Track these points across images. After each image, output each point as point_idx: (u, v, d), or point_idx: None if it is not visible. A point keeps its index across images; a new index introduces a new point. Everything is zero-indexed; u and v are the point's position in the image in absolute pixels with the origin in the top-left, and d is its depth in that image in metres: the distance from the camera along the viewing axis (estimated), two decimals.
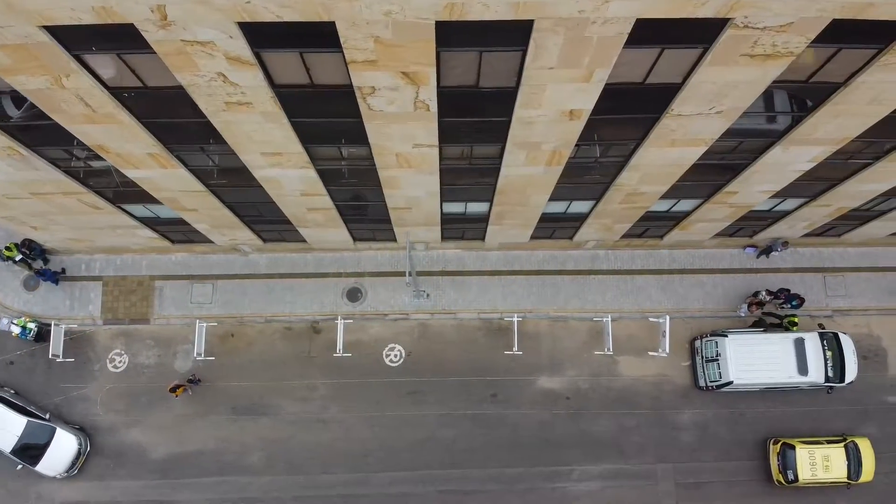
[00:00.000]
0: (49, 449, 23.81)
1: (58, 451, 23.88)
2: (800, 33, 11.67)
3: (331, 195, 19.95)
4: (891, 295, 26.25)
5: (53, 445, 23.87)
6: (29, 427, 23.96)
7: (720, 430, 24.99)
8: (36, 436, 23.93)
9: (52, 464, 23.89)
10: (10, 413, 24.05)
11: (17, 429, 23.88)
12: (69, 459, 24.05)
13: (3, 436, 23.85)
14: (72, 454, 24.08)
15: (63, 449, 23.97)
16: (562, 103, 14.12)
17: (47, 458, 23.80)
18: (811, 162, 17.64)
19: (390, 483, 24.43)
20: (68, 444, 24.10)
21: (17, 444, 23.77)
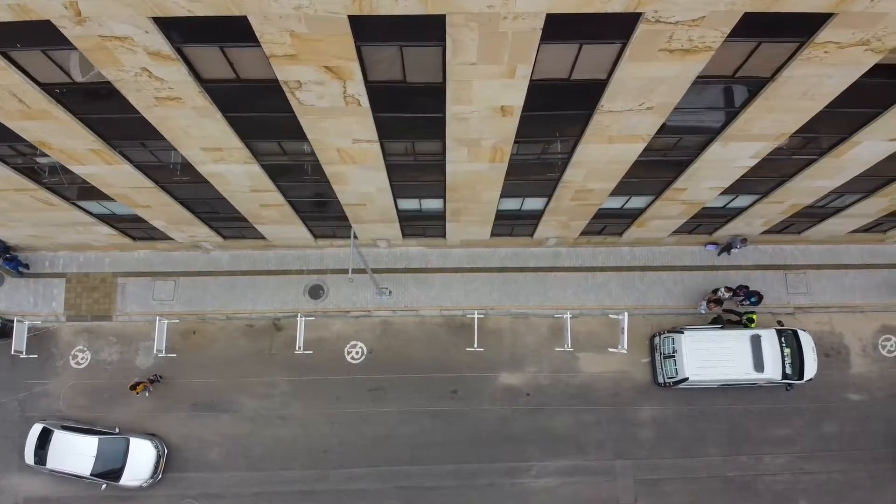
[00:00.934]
0: (128, 460, 23.64)
1: (137, 461, 23.69)
2: (713, 27, 11.73)
3: (281, 191, 20.02)
4: (853, 292, 26.30)
5: (131, 456, 23.70)
6: (102, 444, 23.78)
7: (679, 426, 25.04)
8: (112, 451, 23.75)
9: (134, 474, 23.70)
10: (80, 436, 23.86)
11: (91, 449, 23.70)
12: (150, 466, 23.83)
13: (80, 460, 23.59)
14: (152, 460, 23.87)
15: (142, 457, 23.78)
16: (491, 99, 14.19)
17: (128, 469, 23.62)
18: (754, 158, 17.70)
19: (349, 479, 24.49)
20: (145, 451, 23.89)
21: (96, 464, 23.56)
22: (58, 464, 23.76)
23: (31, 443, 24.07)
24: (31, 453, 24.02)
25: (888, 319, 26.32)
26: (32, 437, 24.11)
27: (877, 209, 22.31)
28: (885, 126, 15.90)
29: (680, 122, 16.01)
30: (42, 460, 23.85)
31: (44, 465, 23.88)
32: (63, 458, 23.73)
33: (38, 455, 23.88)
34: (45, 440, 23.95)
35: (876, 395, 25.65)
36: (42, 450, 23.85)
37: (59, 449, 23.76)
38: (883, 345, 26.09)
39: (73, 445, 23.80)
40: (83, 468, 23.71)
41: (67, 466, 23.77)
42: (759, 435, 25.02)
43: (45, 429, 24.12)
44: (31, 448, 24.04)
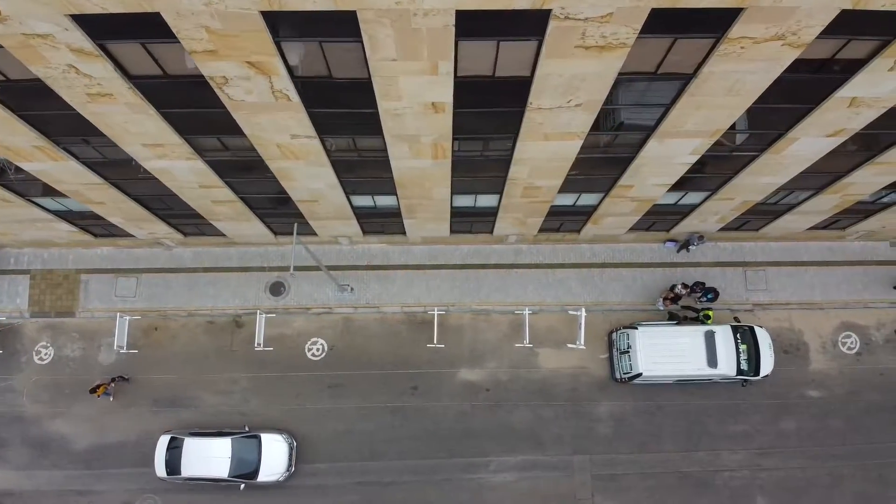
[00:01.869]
0: (262, 457, 23.68)
1: (271, 456, 23.74)
2: (624, 24, 11.86)
3: (232, 187, 20.16)
4: (813, 289, 26.45)
5: (265, 452, 23.75)
6: (235, 445, 23.75)
7: (637, 422, 25.19)
8: (246, 450, 23.73)
9: (271, 470, 23.72)
10: (212, 440, 23.81)
11: (226, 451, 23.64)
12: (285, 460, 23.87)
13: (217, 463, 23.52)
14: (285, 453, 23.92)
15: (275, 452, 23.85)
16: (420, 95, 14.32)
17: (264, 466, 23.62)
18: (693, 155, 17.83)
19: (308, 475, 24.63)
20: (278, 445, 23.95)
21: (232, 465, 23.51)
22: (194, 470, 23.47)
23: (160, 455, 23.77)
24: (161, 465, 23.73)
25: (848, 316, 26.48)
26: (161, 449, 23.82)
27: (829, 206, 22.44)
28: (818, 122, 16.03)
29: (614, 118, 16.17)
30: (175, 470, 23.60)
31: (178, 475, 23.60)
32: (198, 463, 23.48)
33: (170, 465, 23.63)
34: (173, 450, 23.71)
35: (835, 392, 25.79)
36: (173, 459, 23.62)
37: (192, 455, 23.52)
38: (843, 342, 26.24)
39: (206, 450, 23.60)
40: (220, 471, 23.49)
41: (204, 471, 23.48)
42: (717, 431, 25.17)
43: (172, 438, 23.89)
44: (161, 460, 23.75)
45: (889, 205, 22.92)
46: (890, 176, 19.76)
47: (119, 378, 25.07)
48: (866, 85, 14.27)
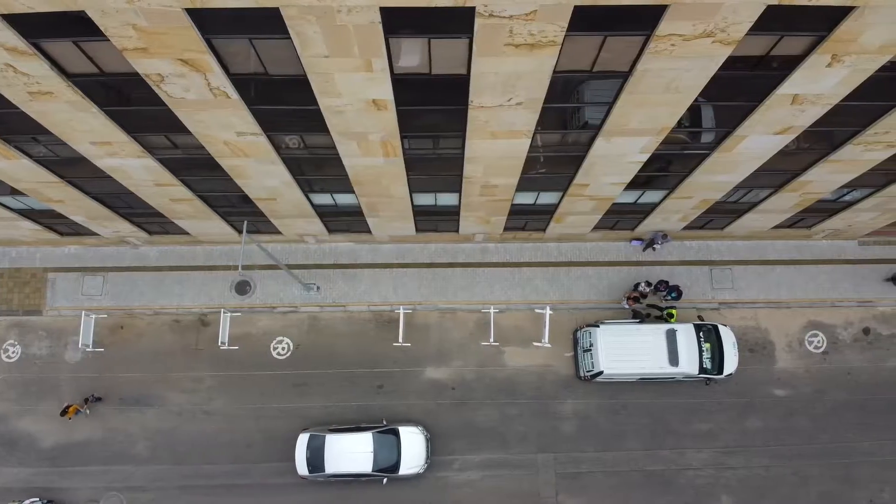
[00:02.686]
0: (402, 450, 23.55)
1: (411, 448, 23.63)
2: (549, 21, 11.88)
3: (188, 185, 20.18)
4: (779, 288, 26.47)
5: (404, 444, 23.62)
6: (376, 439, 23.60)
7: (601, 420, 25.20)
8: (386, 444, 23.59)
9: (411, 463, 23.63)
10: (353, 435, 23.57)
11: (368, 446, 23.45)
12: (423, 451, 23.78)
13: (360, 458, 23.35)
14: (423, 445, 23.82)
15: (414, 444, 23.74)
16: (359, 92, 14.33)
17: (405, 458, 23.51)
18: (643, 153, 17.84)
19: (272, 473, 24.64)
20: (415, 438, 23.85)
21: (375, 459, 23.37)
22: (338, 467, 23.32)
23: (301, 453, 23.56)
24: (303, 464, 23.52)
25: (815, 315, 26.49)
26: (302, 448, 23.59)
27: (790, 204, 22.45)
28: (763, 120, 16.04)
29: (560, 117, 16.18)
30: (317, 468, 23.40)
31: (321, 472, 23.42)
32: (342, 460, 23.32)
33: (312, 464, 23.44)
34: (314, 447, 23.55)
35: (801, 391, 25.80)
36: (314, 457, 23.44)
37: (335, 452, 23.32)
38: (809, 340, 26.25)
39: (348, 445, 23.39)
40: (364, 466, 23.35)
41: (348, 467, 23.34)
42: (682, 429, 25.18)
43: (312, 436, 23.72)
44: (302, 458, 23.54)
45: (851, 203, 22.95)
46: (846, 174, 19.78)
47: (92, 398, 24.93)
48: (806, 81, 14.29)
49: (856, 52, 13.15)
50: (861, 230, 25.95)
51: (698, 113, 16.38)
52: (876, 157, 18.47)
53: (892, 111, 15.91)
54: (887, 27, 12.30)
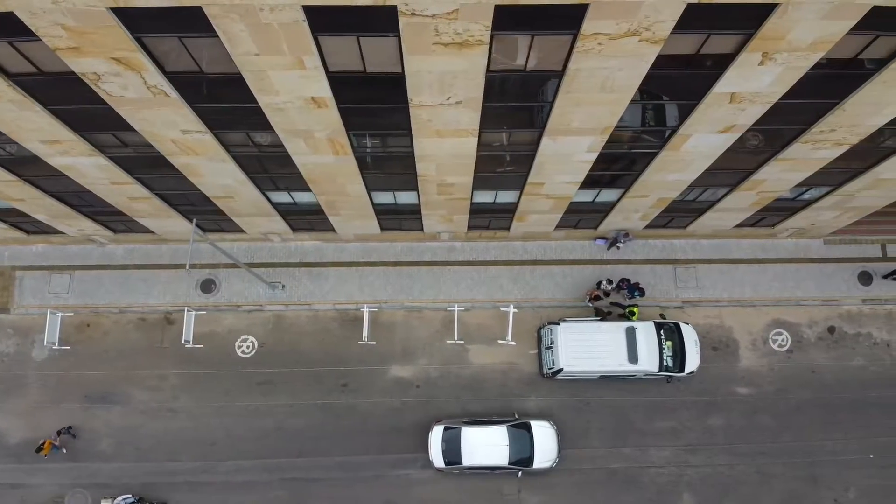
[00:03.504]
0: (535, 443, 23.58)
1: (543, 442, 23.67)
2: (473, 20, 11.98)
3: (144, 184, 20.28)
4: (744, 286, 26.56)
5: (537, 439, 23.64)
6: (511, 432, 23.62)
7: (565, 417, 25.28)
8: (520, 437, 23.58)
9: (543, 456, 23.65)
10: (488, 428, 23.58)
11: (503, 439, 23.46)
12: (554, 446, 23.81)
13: (497, 451, 23.32)
14: (554, 439, 23.87)
15: (546, 437, 23.78)
16: (296, 90, 14.42)
17: (538, 452, 23.54)
18: (591, 152, 17.94)
19: (236, 471, 24.74)
20: (547, 432, 23.91)
21: (510, 453, 23.34)
22: (475, 459, 23.28)
23: (436, 445, 23.52)
24: (439, 456, 23.48)
25: (779, 314, 26.58)
26: (437, 439, 23.56)
27: (748, 203, 22.54)
28: (705, 118, 16.13)
29: (504, 116, 16.25)
30: (453, 460, 23.37)
31: (457, 465, 23.39)
32: (479, 453, 23.29)
33: (448, 456, 23.39)
34: (449, 440, 23.50)
35: (765, 390, 25.89)
36: (451, 450, 23.38)
37: (471, 445, 23.31)
38: (773, 339, 26.34)
39: (484, 438, 23.39)
40: (500, 459, 23.33)
41: (485, 460, 23.30)
42: (645, 427, 25.27)
43: (446, 428, 23.68)
44: (438, 450, 23.49)
45: (811, 202, 23.05)
46: (799, 172, 19.88)
47: (65, 431, 24.79)
48: (741, 80, 14.39)
49: (787, 50, 13.25)
50: (825, 229, 26.05)
51: (641, 112, 16.50)
52: (826, 155, 18.56)
53: (834, 109, 16.00)
54: (814, 23, 12.38)
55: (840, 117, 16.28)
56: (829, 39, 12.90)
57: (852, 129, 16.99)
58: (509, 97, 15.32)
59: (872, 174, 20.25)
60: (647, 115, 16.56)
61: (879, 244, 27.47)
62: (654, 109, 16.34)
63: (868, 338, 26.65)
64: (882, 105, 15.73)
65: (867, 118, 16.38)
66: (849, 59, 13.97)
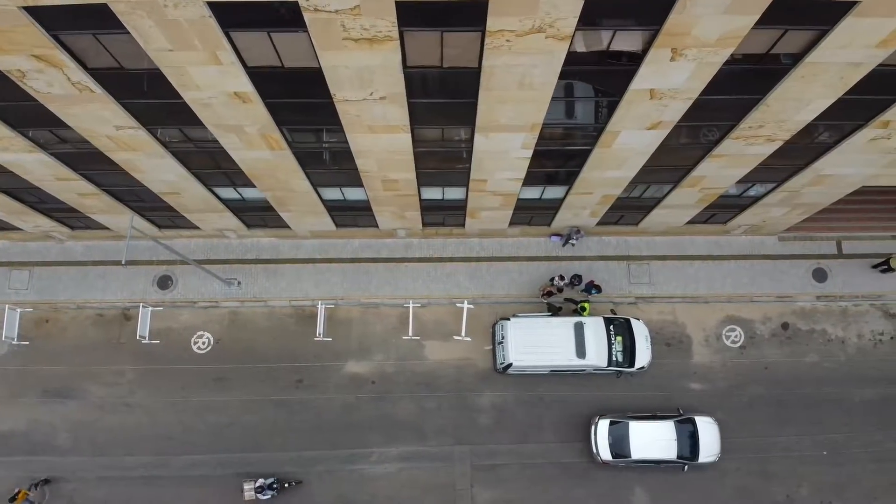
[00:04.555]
0: (700, 438, 24.03)
1: (707, 437, 24.13)
2: (378, 16, 12.19)
3: (90, 180, 20.49)
4: (697, 283, 26.76)
5: (701, 433, 24.10)
6: (677, 427, 24.13)
7: (518, 412, 25.49)
8: (685, 432, 24.10)
9: (707, 451, 24.11)
10: (656, 423, 24.16)
11: (671, 434, 24.04)
12: (717, 440, 24.26)
13: (665, 446, 23.94)
14: (717, 434, 24.31)
15: (709, 432, 24.25)
16: (218, 85, 14.63)
17: (703, 447, 24.00)
18: (526, 149, 18.14)
19: (190, 465, 24.94)
20: (710, 427, 24.33)
21: (678, 447, 23.90)
22: (643, 453, 23.86)
23: (604, 438, 24.04)
24: (606, 449, 24.00)
25: (733, 310, 26.79)
26: (604, 433, 24.08)
27: (693, 200, 22.75)
28: (629, 115, 16.33)
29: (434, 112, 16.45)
30: (621, 453, 23.91)
31: (624, 458, 23.93)
32: (648, 447, 23.89)
33: (615, 449, 23.93)
34: (616, 434, 24.04)
35: (717, 385, 26.08)
36: (619, 443, 23.94)
37: (640, 439, 23.92)
38: (727, 335, 26.55)
39: (653, 433, 24.02)
40: (668, 453, 23.92)
41: (654, 454, 23.88)
42: None
43: (613, 422, 24.17)
44: (605, 443, 24.02)
45: (757, 199, 23.25)
46: (737, 169, 20.08)
47: (42, 482, 24.71)
48: (655, 76, 14.59)
49: (695, 46, 13.45)
50: (778, 226, 26.25)
51: (570, 109, 16.70)
52: (760, 151, 18.77)
53: (758, 105, 16.20)
54: (717, 18, 12.54)
55: (765, 113, 16.48)
56: (735, 34, 13.10)
57: (780, 125, 17.20)
58: (433, 93, 15.55)
59: (812, 170, 20.45)
60: (575, 113, 16.77)
61: (835, 241, 27.67)
62: (581, 107, 16.54)
63: (822, 334, 26.85)
64: (805, 101, 15.93)
65: (793, 114, 16.58)
66: (763, 54, 14.17)
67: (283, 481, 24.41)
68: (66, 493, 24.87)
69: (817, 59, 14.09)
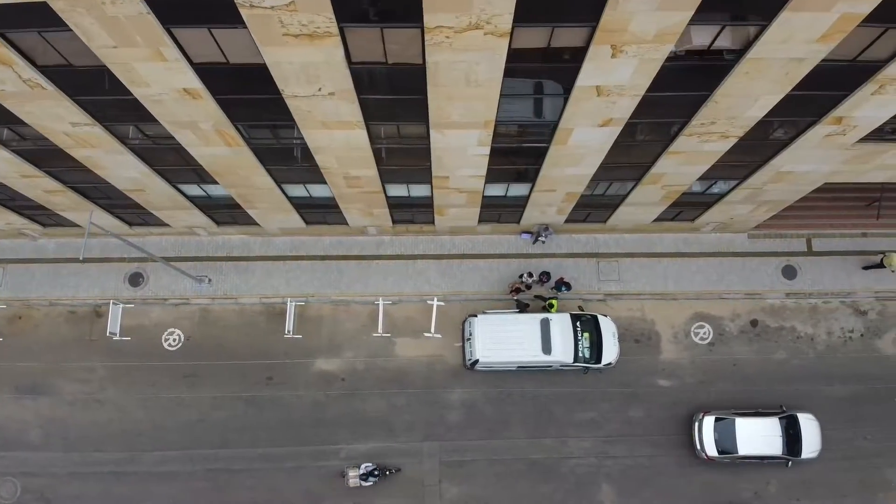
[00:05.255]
0: (802, 435, 24.40)
1: (809, 433, 24.49)
2: (314, 12, 12.32)
3: (54, 176, 20.65)
4: (666, 280, 26.91)
5: (804, 429, 24.48)
6: (782, 423, 24.53)
7: (487, 408, 25.63)
8: (789, 428, 24.49)
9: (810, 447, 24.48)
10: (762, 420, 24.61)
11: (776, 430, 24.46)
12: (819, 436, 24.54)
13: (772, 442, 24.33)
14: (819, 430, 24.61)
15: (812, 429, 24.58)
16: (166, 82, 14.76)
17: (805, 443, 24.38)
18: (483, 146, 18.29)
19: (160, 461, 25.08)
20: (812, 423, 24.66)
21: (783, 443, 24.33)
22: (750, 449, 24.29)
23: (709, 434, 24.46)
24: (712, 445, 24.39)
25: (702, 307, 26.94)
26: (709, 429, 24.51)
27: (657, 197, 22.90)
28: (579, 112, 16.47)
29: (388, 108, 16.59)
30: (727, 449, 24.30)
31: (730, 454, 24.32)
32: (755, 443, 24.31)
33: (721, 445, 24.32)
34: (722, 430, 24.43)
35: (686, 382, 26.22)
36: (725, 439, 24.33)
37: (747, 435, 24.36)
38: (695, 332, 26.69)
39: (759, 429, 24.42)
40: (774, 449, 24.32)
41: (760, 450, 24.30)
42: (565, 418, 25.61)
43: (718, 419, 24.59)
44: (711, 440, 24.42)
45: (721, 196, 23.39)
46: (696, 166, 20.22)
47: None
48: (600, 73, 14.72)
49: (634, 42, 13.57)
50: (747, 223, 26.40)
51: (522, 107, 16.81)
52: (716, 148, 18.92)
53: (707, 101, 16.34)
54: (650, 15, 12.64)
55: (715, 110, 16.62)
56: (672, 31, 13.23)
57: (732, 122, 17.33)
58: (382, 90, 15.68)
59: (772, 167, 20.58)
60: (528, 110, 16.88)
61: (805, 238, 27.82)
62: (533, 104, 16.66)
63: (791, 331, 26.99)
64: (753, 97, 16.07)
65: (744, 110, 16.71)
66: (705, 50, 14.30)
67: (384, 468, 24.63)
68: (38, 488, 25.02)
69: (759, 54, 14.22)
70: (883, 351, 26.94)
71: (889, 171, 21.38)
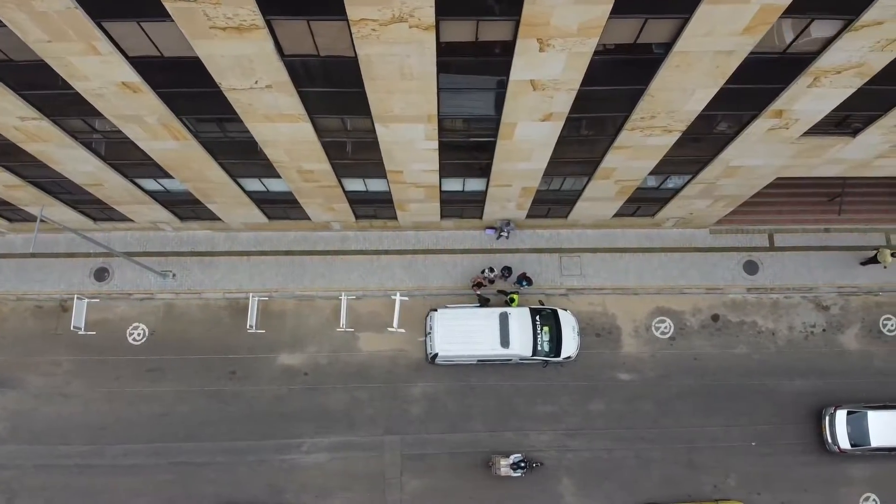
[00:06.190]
0: None
1: None
2: (238, 5, 12.54)
3: (12, 171, 20.89)
4: (627, 275, 27.13)
5: None
6: None
7: (449, 402, 25.86)
8: None
9: None
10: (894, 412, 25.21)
11: None
12: None
13: None
14: None
15: None
16: (104, 75, 15.00)
17: None
18: (429, 140, 18.51)
19: (124, 454, 25.31)
20: None
21: None
22: (883, 441, 24.89)
23: (842, 427, 25.12)
24: (845, 438, 25.03)
25: (663, 302, 27.16)
26: (842, 422, 25.16)
27: (612, 192, 23.12)
28: (519, 107, 16.68)
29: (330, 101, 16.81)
30: (860, 442, 24.94)
31: (863, 446, 24.93)
32: (887, 435, 24.93)
33: (854, 438, 24.97)
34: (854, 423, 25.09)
35: (646, 376, 26.44)
36: (857, 432, 24.99)
37: (880, 428, 25.00)
38: (657, 326, 26.90)
39: (892, 422, 25.07)
40: None
41: (893, 441, 24.90)
42: (526, 411, 25.82)
43: (850, 412, 25.23)
44: (843, 432, 25.07)
45: (676, 190, 23.61)
46: (645, 160, 20.45)
47: None
48: (531, 67, 14.94)
49: (560, 36, 13.78)
50: (707, 218, 26.63)
51: (463, 100, 17.02)
52: (661, 142, 19.14)
53: (643, 95, 16.55)
54: (570, 8, 12.77)
55: (652, 104, 16.84)
56: (595, 24, 13.42)
57: (672, 116, 17.55)
58: (320, 82, 15.89)
59: (721, 161, 20.80)
60: (470, 104, 17.07)
61: (766, 234, 28.05)
62: (473, 98, 16.86)
63: (753, 326, 27.21)
64: (689, 90, 16.28)
65: (682, 104, 16.93)
66: (633, 44, 14.51)
67: (530, 461, 24.93)
68: (4, 480, 25.24)
69: (686, 47, 14.43)
70: (845, 346, 27.17)
71: (841, 166, 21.62)
